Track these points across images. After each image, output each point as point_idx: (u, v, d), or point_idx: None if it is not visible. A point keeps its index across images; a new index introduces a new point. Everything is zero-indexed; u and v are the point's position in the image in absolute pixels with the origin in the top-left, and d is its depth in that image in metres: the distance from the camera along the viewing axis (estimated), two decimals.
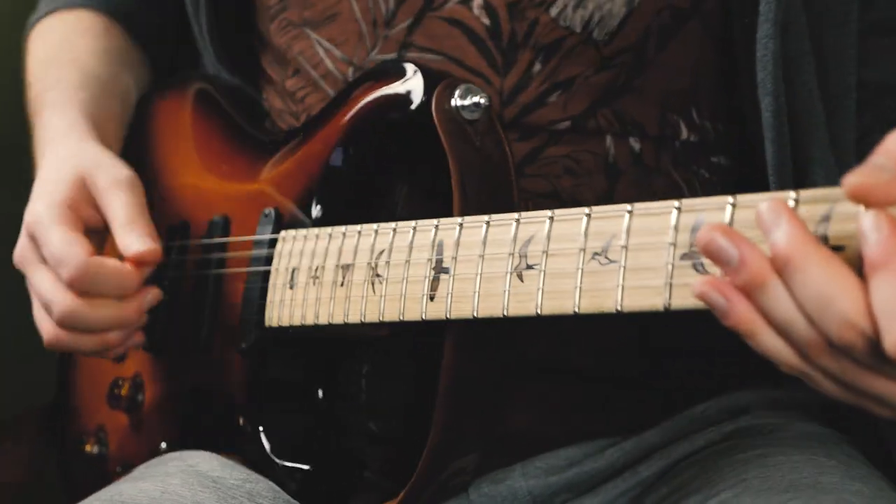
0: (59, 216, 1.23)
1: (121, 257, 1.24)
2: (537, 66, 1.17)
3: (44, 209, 1.24)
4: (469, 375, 1.06)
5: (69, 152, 1.30)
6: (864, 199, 0.72)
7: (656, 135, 1.19)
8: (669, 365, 1.23)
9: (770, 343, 0.77)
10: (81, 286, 1.20)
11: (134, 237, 1.22)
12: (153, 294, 1.26)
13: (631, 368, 1.22)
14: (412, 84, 1.10)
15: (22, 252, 1.26)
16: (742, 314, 0.77)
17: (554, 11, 1.16)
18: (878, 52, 1.18)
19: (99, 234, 1.27)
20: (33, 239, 1.24)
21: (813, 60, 1.13)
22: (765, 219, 0.76)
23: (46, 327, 1.25)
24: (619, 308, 0.87)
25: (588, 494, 1.22)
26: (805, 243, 0.74)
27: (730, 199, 0.81)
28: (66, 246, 1.20)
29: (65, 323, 1.22)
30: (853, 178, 0.72)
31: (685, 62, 1.19)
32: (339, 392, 1.16)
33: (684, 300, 0.83)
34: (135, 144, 1.43)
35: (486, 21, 1.16)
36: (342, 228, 1.11)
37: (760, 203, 0.77)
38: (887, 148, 0.73)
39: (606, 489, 1.22)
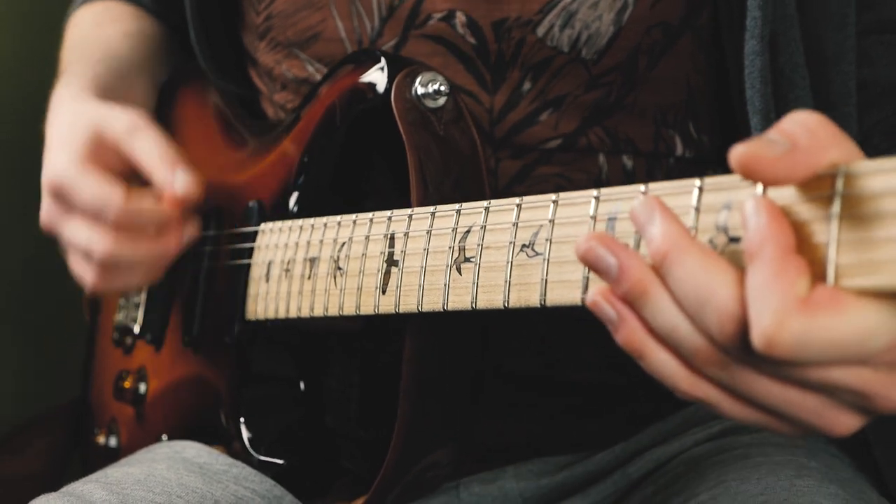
0: (85, 165, 1.20)
1: None
2: (527, 85, 1.13)
3: (67, 162, 1.21)
4: (430, 369, 1.04)
5: (76, 114, 1.27)
6: (748, 171, 0.66)
7: (650, 151, 1.14)
8: None
9: (660, 360, 0.73)
10: (126, 224, 1.18)
11: (177, 173, 1.19)
12: (192, 228, 1.23)
13: (627, 377, 1.19)
14: (377, 73, 1.09)
15: (49, 211, 1.23)
16: (630, 328, 0.73)
17: (540, 31, 1.11)
18: (879, 49, 1.12)
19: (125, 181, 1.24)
20: (59, 195, 1.21)
21: (807, 73, 1.08)
22: (638, 215, 0.72)
23: (88, 275, 1.23)
24: (543, 303, 0.84)
25: (577, 495, 1.20)
26: (680, 237, 0.70)
27: (641, 187, 0.77)
28: (104, 188, 1.18)
29: (107, 264, 1.20)
30: (739, 148, 0.67)
31: (679, 76, 1.14)
32: (317, 385, 1.15)
33: None
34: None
35: (472, 40, 1.12)
36: (312, 221, 1.10)
37: (633, 200, 0.73)
38: (781, 126, 0.68)
39: (596, 489, 1.19)
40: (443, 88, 1.05)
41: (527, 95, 1.13)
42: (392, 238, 0.99)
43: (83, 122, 1.24)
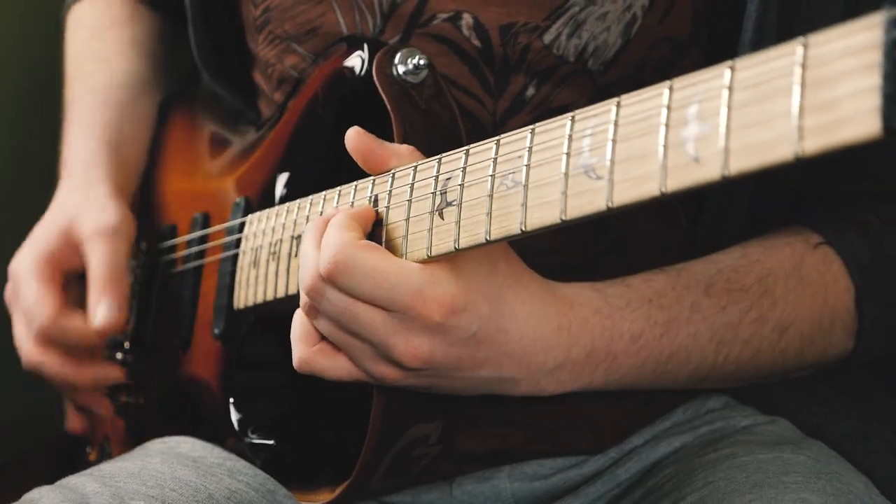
0: (36, 270, 1.29)
1: None
2: (530, 91, 1.13)
3: (25, 261, 1.31)
4: None
5: (69, 196, 1.35)
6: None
7: None
8: None
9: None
10: (46, 341, 1.28)
11: (101, 306, 1.28)
12: (112, 371, 1.33)
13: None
14: (356, 57, 1.11)
15: (7, 295, 1.35)
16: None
17: (547, 38, 1.11)
18: None
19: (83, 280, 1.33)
20: (15, 288, 1.32)
21: None
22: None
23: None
24: (523, 228, 0.86)
25: (568, 496, 1.19)
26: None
27: (615, 100, 0.80)
28: (36, 301, 1.28)
29: (28, 369, 1.32)
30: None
31: None
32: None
33: (579, 210, 0.81)
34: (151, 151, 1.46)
35: (477, 43, 1.12)
36: (298, 202, 1.12)
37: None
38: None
39: (586, 492, 1.19)
40: (422, 62, 1.07)
41: (530, 102, 1.13)
42: (375, 199, 1.01)
43: (62, 213, 1.33)
